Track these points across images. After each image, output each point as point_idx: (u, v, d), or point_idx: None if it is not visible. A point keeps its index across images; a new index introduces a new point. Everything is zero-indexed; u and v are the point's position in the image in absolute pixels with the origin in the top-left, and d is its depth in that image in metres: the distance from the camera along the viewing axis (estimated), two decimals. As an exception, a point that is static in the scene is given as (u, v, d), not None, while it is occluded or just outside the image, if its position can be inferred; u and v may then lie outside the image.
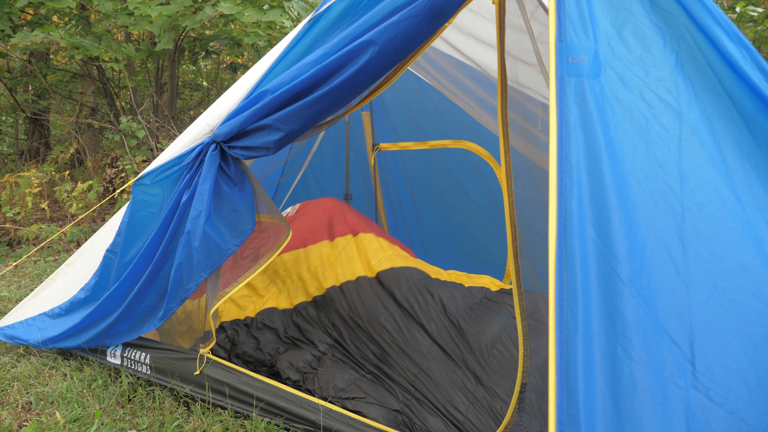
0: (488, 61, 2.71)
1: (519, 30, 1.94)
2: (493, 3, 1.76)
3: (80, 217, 3.56)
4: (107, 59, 5.05)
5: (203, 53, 5.99)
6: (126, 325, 2.40)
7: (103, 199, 3.34)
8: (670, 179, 1.38)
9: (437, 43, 2.83)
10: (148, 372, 2.40)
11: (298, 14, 4.80)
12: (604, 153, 1.33)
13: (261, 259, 2.28)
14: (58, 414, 2.23)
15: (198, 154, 2.22)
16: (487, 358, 2.31)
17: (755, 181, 1.44)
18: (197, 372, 2.27)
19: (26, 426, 2.17)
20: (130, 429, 2.18)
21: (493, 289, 2.90)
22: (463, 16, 2.54)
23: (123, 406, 2.32)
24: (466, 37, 2.71)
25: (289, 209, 3.30)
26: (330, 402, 2.19)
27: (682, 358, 1.26)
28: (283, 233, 2.33)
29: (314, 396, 2.25)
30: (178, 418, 2.22)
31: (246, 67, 5.91)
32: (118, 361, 2.48)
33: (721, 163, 1.43)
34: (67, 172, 6.02)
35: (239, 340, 2.66)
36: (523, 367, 1.88)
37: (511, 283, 2.40)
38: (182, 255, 2.18)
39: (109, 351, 2.50)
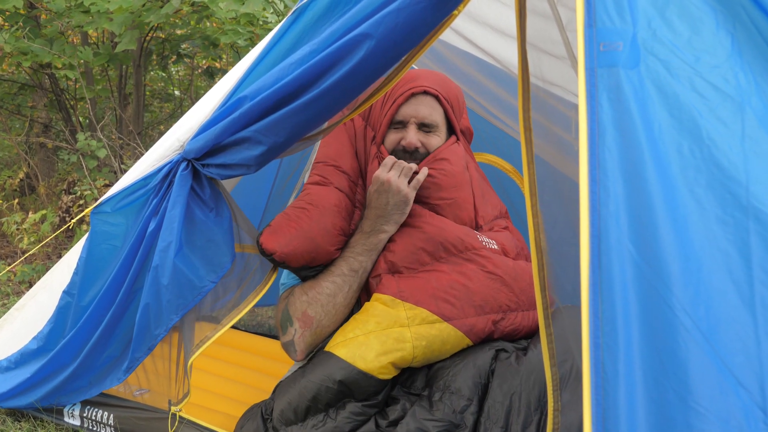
0: (509, 55, 2.71)
1: (543, 17, 1.93)
2: (511, -17, 1.75)
3: (32, 251, 3.56)
4: (60, 66, 5.06)
5: (174, 57, 6.00)
6: (85, 380, 2.38)
7: (59, 231, 3.35)
8: (731, 184, 1.34)
9: (447, 36, 2.83)
10: (113, 435, 2.38)
11: (285, 7, 4.82)
12: (647, 157, 1.30)
13: (248, 297, 2.27)
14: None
15: (166, 175, 2.21)
16: None
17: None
18: (170, 434, 2.25)
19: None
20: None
21: None
22: (476, 2, 2.54)
23: (82, 477, 2.31)
24: (482, 28, 2.70)
25: None
26: None
27: (751, 403, 1.22)
28: (270, 266, 2.32)
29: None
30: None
31: (225, 72, 5.94)
32: (77, 422, 2.46)
33: (795, 163, 1.39)
34: (17, 200, 6.04)
35: None
36: (554, 424, 1.85)
37: None
38: (149, 294, 2.17)
39: (66, 410, 2.48)
